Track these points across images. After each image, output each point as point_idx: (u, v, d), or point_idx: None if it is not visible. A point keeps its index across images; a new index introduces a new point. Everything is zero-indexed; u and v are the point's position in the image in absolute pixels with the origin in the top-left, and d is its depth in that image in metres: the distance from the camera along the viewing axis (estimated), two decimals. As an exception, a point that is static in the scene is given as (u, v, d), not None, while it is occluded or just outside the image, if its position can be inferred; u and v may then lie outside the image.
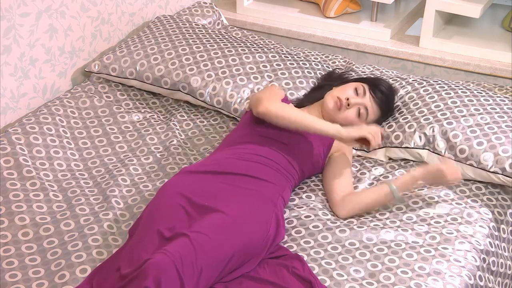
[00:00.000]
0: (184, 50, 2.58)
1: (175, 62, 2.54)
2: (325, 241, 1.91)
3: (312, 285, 1.72)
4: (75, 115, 2.43)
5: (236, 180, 1.93)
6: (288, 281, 1.74)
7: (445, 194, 2.11)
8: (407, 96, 2.36)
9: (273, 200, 1.91)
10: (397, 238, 1.92)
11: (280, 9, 3.25)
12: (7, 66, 2.33)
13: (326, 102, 2.19)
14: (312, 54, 2.93)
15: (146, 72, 2.55)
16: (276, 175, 1.99)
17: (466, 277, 1.81)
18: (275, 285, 1.74)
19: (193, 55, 2.56)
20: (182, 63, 2.54)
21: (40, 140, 2.25)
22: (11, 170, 2.11)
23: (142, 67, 2.56)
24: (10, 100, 2.39)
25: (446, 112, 2.23)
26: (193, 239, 1.69)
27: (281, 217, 1.91)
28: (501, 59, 2.83)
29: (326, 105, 2.19)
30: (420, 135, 2.20)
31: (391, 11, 3.25)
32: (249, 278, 1.77)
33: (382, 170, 2.24)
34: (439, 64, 2.91)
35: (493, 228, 2.02)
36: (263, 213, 1.85)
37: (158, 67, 2.54)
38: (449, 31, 3.02)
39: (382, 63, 3.03)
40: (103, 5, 2.70)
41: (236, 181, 1.92)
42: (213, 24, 3.06)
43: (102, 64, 2.61)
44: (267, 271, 1.79)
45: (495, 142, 2.11)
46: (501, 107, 2.26)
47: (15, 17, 2.31)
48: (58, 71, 2.57)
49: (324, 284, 1.75)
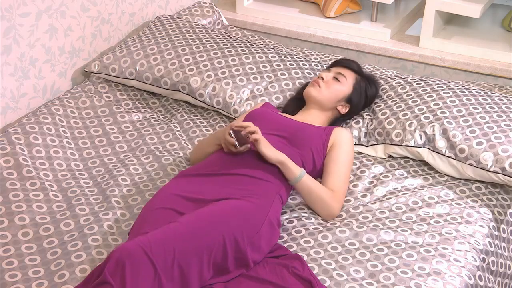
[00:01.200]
0: (184, 50, 2.58)
1: (174, 63, 2.54)
2: (325, 241, 1.91)
3: (312, 285, 1.72)
4: (75, 114, 2.43)
5: (233, 180, 1.93)
6: (288, 281, 1.74)
7: (445, 194, 2.11)
8: (405, 94, 2.36)
9: (269, 198, 1.91)
10: (397, 238, 1.92)
11: (280, 9, 3.25)
12: (7, 66, 2.33)
13: (306, 92, 2.29)
14: (312, 54, 2.93)
15: (145, 72, 2.55)
16: (274, 172, 1.98)
17: (466, 277, 1.81)
18: (275, 285, 1.73)
19: (192, 55, 2.56)
20: (182, 63, 2.54)
21: (40, 140, 2.25)
22: (11, 170, 2.11)
23: (142, 67, 2.56)
24: (10, 100, 2.39)
25: (445, 110, 2.23)
26: (166, 227, 1.70)
27: (275, 217, 1.90)
28: (501, 59, 2.83)
29: (307, 94, 2.28)
30: (421, 133, 2.20)
31: (391, 11, 3.25)
32: (248, 278, 1.77)
33: (382, 169, 2.24)
34: (439, 64, 2.91)
35: (493, 228, 2.02)
36: (255, 210, 1.84)
37: (158, 67, 2.54)
38: (449, 31, 3.02)
39: (382, 63, 3.02)
40: (103, 5, 2.70)
41: (233, 181, 1.93)
42: (213, 24, 3.06)
43: (102, 64, 2.61)
44: (267, 271, 1.79)
45: (494, 142, 2.12)
46: (499, 106, 2.26)
47: (15, 17, 2.31)
48: (58, 71, 2.57)
49: (324, 284, 1.75)
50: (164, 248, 1.64)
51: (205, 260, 1.70)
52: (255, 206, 1.85)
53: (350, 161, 2.13)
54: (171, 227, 1.71)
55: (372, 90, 2.36)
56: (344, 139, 2.15)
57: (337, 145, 2.13)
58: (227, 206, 1.82)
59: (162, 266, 1.63)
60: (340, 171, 2.08)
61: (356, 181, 2.18)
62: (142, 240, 1.65)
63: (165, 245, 1.64)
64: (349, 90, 2.28)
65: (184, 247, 1.67)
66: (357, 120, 2.35)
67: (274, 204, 1.91)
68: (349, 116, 2.34)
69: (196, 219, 1.75)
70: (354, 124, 2.34)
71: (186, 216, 1.77)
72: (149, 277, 1.61)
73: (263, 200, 1.88)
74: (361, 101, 2.33)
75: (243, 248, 1.77)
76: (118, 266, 1.59)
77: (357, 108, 2.33)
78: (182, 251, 1.66)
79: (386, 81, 2.48)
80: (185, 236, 1.69)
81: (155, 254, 1.62)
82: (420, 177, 2.20)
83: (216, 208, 1.80)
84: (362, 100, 2.33)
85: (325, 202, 1.99)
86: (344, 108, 2.30)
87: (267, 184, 1.94)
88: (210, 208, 1.80)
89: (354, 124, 2.34)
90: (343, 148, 2.13)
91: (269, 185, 1.95)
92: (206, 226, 1.73)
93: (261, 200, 1.88)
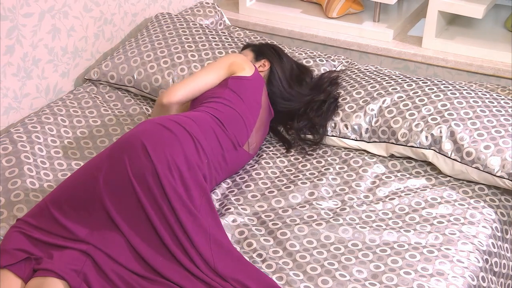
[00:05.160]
0: (180, 59, 2.57)
1: (171, 73, 2.53)
2: (328, 242, 1.91)
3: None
4: (77, 113, 2.43)
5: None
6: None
7: (448, 194, 2.11)
8: (411, 91, 2.34)
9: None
10: (400, 239, 1.92)
11: (283, 10, 3.25)
12: (10, 66, 2.33)
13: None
14: (314, 55, 2.93)
15: (143, 82, 2.55)
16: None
17: (469, 278, 1.81)
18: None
19: (188, 64, 2.55)
20: (178, 73, 2.53)
21: (42, 140, 2.25)
22: (14, 168, 2.10)
23: (139, 75, 2.55)
24: (13, 100, 2.39)
25: (452, 112, 2.22)
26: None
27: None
28: (504, 59, 2.83)
29: None
30: (427, 135, 2.19)
31: (394, 11, 3.25)
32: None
33: (384, 169, 2.23)
34: (442, 65, 2.91)
35: (496, 229, 2.02)
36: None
37: (155, 76, 2.54)
38: (451, 32, 3.02)
39: (385, 63, 3.02)
40: (106, 5, 2.70)
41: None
42: (215, 25, 3.06)
43: (101, 72, 2.61)
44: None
45: (502, 146, 2.10)
46: (505, 109, 2.25)
47: (18, 17, 2.31)
48: (60, 71, 2.57)
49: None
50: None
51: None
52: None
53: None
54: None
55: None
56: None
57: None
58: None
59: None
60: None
61: (358, 180, 2.18)
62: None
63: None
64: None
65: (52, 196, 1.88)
66: (358, 114, 2.33)
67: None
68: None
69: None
70: (355, 118, 2.32)
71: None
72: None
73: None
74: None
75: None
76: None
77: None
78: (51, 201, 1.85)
79: (390, 77, 2.46)
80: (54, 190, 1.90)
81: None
82: (423, 177, 2.20)
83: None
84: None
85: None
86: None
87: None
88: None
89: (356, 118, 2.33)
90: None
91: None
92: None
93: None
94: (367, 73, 2.54)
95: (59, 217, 1.78)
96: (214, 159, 2.02)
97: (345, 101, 2.37)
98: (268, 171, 2.22)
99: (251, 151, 2.21)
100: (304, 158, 2.29)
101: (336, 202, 2.09)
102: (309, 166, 2.25)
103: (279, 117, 2.38)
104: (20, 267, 1.70)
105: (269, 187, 2.15)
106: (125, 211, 1.78)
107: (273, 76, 2.33)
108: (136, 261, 1.74)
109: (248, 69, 2.24)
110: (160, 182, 1.79)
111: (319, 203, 2.06)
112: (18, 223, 1.81)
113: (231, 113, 2.12)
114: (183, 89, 2.19)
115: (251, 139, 2.19)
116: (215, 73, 2.22)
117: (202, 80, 2.20)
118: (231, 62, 2.24)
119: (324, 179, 2.17)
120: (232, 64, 2.24)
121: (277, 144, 2.38)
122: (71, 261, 1.70)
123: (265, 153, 2.31)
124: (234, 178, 2.19)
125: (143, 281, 1.71)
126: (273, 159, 2.28)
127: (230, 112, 2.12)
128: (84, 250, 1.73)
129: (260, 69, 2.35)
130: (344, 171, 2.22)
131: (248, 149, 2.19)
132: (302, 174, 2.20)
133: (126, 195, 1.79)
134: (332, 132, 2.33)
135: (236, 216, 2.00)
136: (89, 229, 1.77)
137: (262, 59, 2.38)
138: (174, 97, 2.17)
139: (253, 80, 2.24)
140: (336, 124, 2.33)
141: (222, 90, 2.19)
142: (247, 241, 1.92)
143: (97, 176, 1.81)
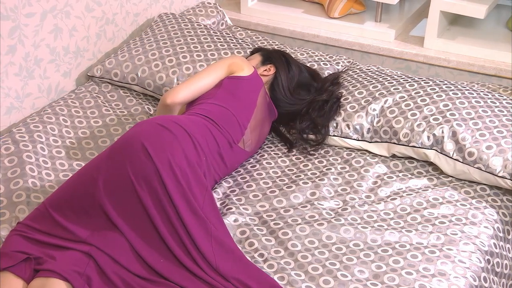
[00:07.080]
0: (185, 58, 2.57)
1: (175, 71, 2.53)
2: (330, 242, 1.91)
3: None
4: (79, 114, 2.43)
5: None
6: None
7: (449, 195, 2.11)
8: (413, 91, 2.34)
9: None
10: (402, 239, 1.92)
11: (284, 10, 3.25)
12: (12, 66, 2.34)
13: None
14: (316, 55, 2.93)
15: (147, 79, 2.55)
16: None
17: (471, 278, 1.81)
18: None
19: (193, 64, 2.55)
20: (183, 72, 2.53)
21: (44, 139, 2.25)
22: (16, 168, 2.10)
23: (143, 73, 2.55)
24: (15, 100, 2.39)
25: (454, 112, 2.22)
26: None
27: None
28: (506, 60, 2.82)
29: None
30: (429, 135, 2.19)
31: (396, 11, 3.25)
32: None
33: (385, 169, 2.23)
34: (444, 65, 2.91)
35: (498, 229, 2.01)
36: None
37: (159, 75, 2.54)
38: (453, 32, 3.02)
39: (386, 63, 3.02)
40: (108, 5, 2.70)
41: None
42: (217, 25, 3.06)
43: (104, 69, 2.61)
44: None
45: (504, 147, 2.10)
46: (507, 109, 2.25)
47: (20, 17, 2.31)
48: (62, 71, 2.57)
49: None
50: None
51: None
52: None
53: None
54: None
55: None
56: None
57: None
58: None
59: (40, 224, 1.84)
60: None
61: (360, 180, 2.18)
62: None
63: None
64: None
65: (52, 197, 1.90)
66: (360, 114, 2.33)
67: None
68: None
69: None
70: (357, 118, 2.32)
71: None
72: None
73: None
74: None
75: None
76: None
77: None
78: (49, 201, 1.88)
79: (392, 77, 2.46)
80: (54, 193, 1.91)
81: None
82: (424, 177, 2.20)
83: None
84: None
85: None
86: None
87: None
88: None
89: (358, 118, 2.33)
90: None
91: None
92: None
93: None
94: (369, 73, 2.54)
95: (60, 219, 1.78)
96: (212, 157, 2.04)
97: (347, 101, 2.37)
98: (270, 171, 2.22)
99: (246, 148, 2.22)
100: (305, 158, 2.30)
101: (337, 202, 2.09)
102: (311, 166, 2.25)
103: (281, 117, 2.38)
104: (21, 267, 1.70)
105: (270, 187, 2.15)
106: (125, 212, 1.78)
107: (277, 82, 2.35)
108: (137, 262, 1.75)
109: (247, 70, 2.26)
110: (163, 182, 1.79)
111: (320, 203, 2.06)
112: (18, 227, 1.82)
113: (223, 112, 2.15)
114: (186, 89, 2.20)
115: (246, 136, 2.20)
116: (216, 73, 2.24)
117: (204, 80, 2.22)
118: (231, 63, 2.26)
119: (326, 179, 2.17)
120: (232, 65, 2.26)
121: (279, 144, 2.38)
122: (74, 262, 1.70)
123: (266, 153, 2.31)
124: (235, 178, 2.19)
125: (145, 283, 1.71)
126: (274, 159, 2.28)
127: (222, 111, 2.15)
128: (86, 251, 1.73)
129: (264, 73, 2.36)
130: (345, 171, 2.22)
131: (244, 146, 2.20)
132: (304, 174, 2.20)
133: (126, 196, 1.79)
134: (334, 132, 2.33)
135: (237, 216, 2.01)
136: (90, 230, 1.77)
137: (269, 64, 2.39)
138: (178, 98, 2.18)
139: (250, 80, 2.25)
140: (338, 124, 2.33)
141: (214, 90, 2.22)
142: (249, 241, 1.92)
143: (97, 177, 1.81)
